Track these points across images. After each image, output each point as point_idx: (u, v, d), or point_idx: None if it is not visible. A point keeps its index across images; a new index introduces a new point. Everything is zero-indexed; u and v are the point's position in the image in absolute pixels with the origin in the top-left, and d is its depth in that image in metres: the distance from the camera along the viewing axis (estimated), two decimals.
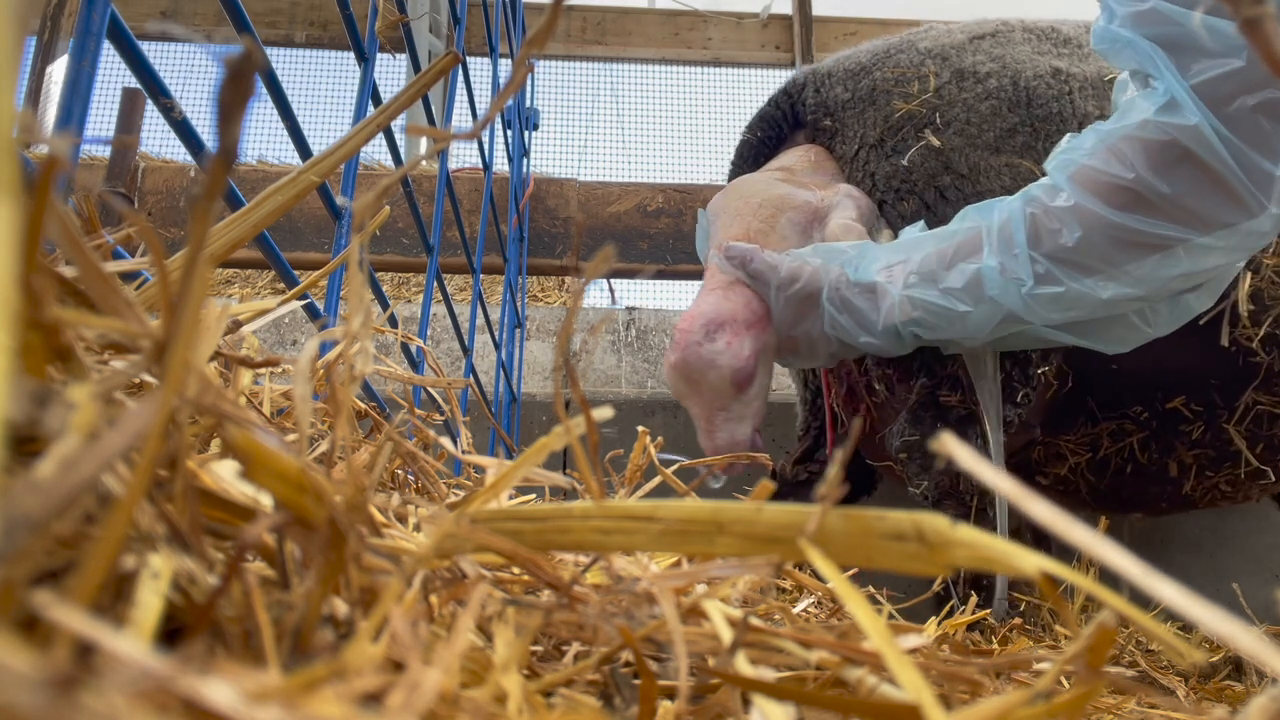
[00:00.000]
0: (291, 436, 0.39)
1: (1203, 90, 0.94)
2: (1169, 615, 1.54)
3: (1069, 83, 1.46)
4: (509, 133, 1.99)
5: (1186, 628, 1.58)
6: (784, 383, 2.48)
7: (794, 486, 1.70)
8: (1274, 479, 1.55)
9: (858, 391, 1.61)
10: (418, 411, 0.64)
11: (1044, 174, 1.52)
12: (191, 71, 3.94)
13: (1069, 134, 1.13)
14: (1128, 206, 1.01)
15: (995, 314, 1.11)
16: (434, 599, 0.32)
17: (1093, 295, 1.06)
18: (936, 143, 1.42)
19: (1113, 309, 1.09)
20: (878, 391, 1.54)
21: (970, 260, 1.12)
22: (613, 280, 3.18)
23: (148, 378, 0.34)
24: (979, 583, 1.34)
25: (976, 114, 1.43)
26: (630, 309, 3.00)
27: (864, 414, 1.61)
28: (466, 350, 1.35)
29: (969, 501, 1.36)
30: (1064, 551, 1.87)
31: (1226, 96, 0.94)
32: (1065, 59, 1.52)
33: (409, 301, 3.30)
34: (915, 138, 1.44)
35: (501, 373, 1.70)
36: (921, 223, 1.34)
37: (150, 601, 0.22)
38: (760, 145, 1.62)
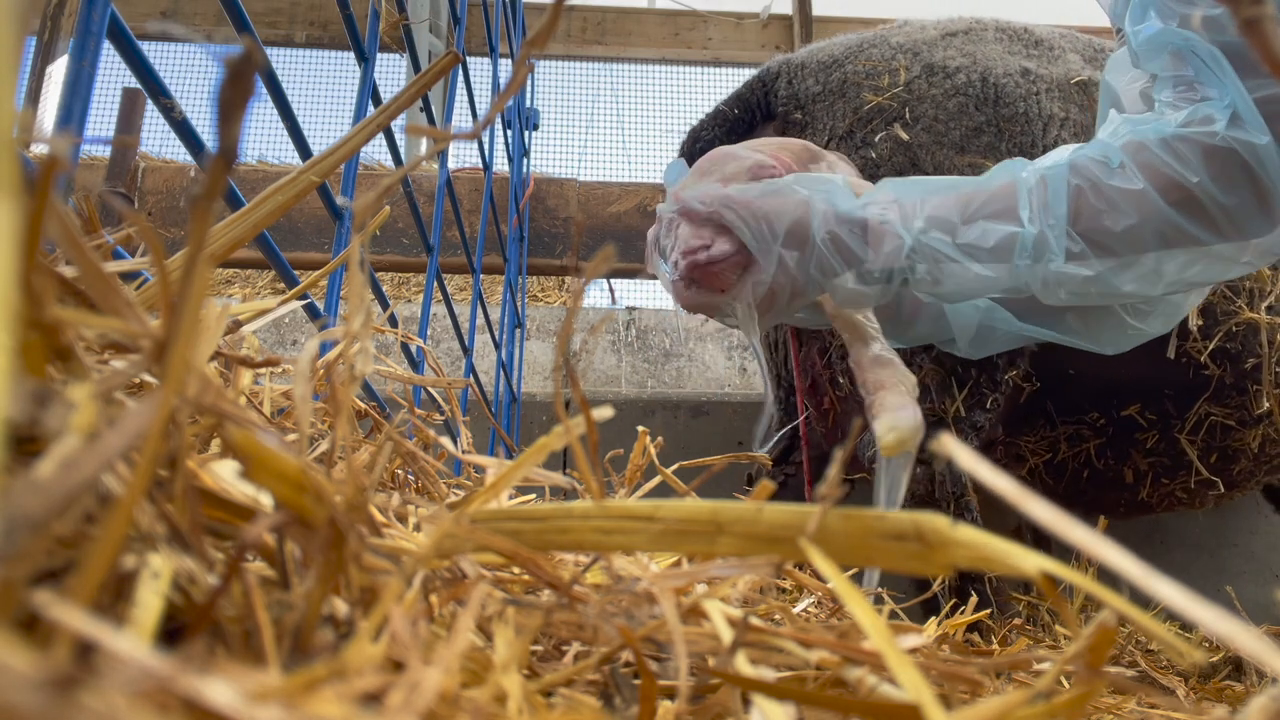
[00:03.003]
0: (291, 436, 0.39)
1: (1262, 105, 0.91)
2: (1169, 615, 1.54)
3: (1037, 84, 1.47)
4: (509, 133, 1.99)
5: (1186, 628, 1.58)
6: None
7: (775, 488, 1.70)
8: (1223, 489, 1.57)
9: (820, 385, 1.61)
10: (418, 411, 0.64)
11: None
12: (191, 71, 3.95)
13: (1114, 111, 1.06)
14: (1183, 205, 0.95)
15: (1004, 283, 1.02)
16: (434, 599, 0.32)
17: (1115, 285, 1.00)
18: (905, 137, 1.42)
19: (1122, 300, 1.04)
20: (841, 385, 1.54)
21: (1001, 219, 1.01)
22: (613, 280, 3.18)
23: (148, 378, 0.34)
24: (964, 591, 1.34)
25: (944, 111, 1.44)
26: (630, 309, 3.00)
27: (828, 407, 1.62)
28: (466, 350, 1.35)
29: (945, 508, 1.37)
30: (1064, 551, 1.88)
31: (1277, 115, 0.91)
32: (1035, 60, 1.53)
33: (409, 301, 3.30)
34: (884, 130, 1.44)
35: (501, 373, 1.70)
36: None
37: (150, 601, 0.22)
38: (735, 123, 1.60)
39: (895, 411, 1.02)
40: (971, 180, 1.05)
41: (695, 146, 1.58)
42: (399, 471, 0.56)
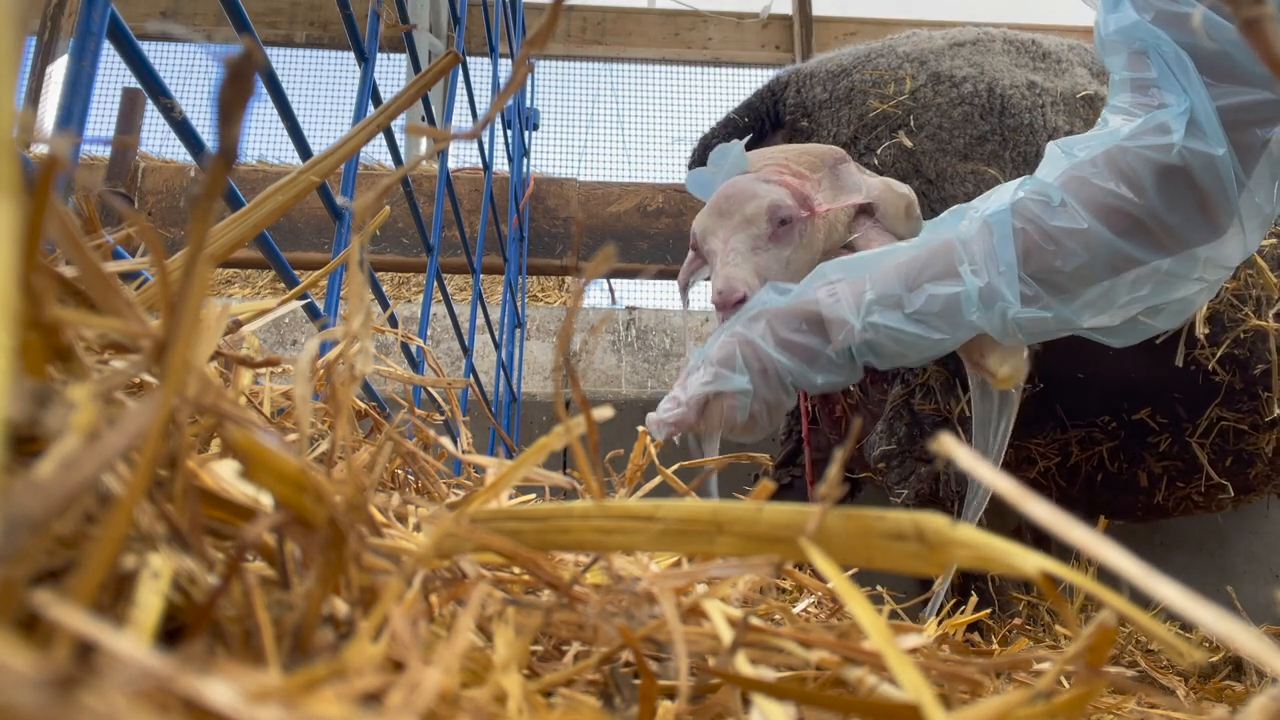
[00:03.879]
0: (291, 436, 0.39)
1: (1224, 113, 0.87)
2: (1169, 615, 1.54)
3: (1042, 96, 1.47)
4: (509, 133, 1.99)
5: (1186, 628, 1.58)
6: None
7: (777, 491, 1.70)
8: (1241, 494, 1.57)
9: (833, 394, 1.62)
10: (418, 411, 0.64)
11: (1008, 181, 1.50)
12: (191, 71, 3.94)
13: (1054, 141, 1.06)
14: (1129, 232, 0.93)
15: (962, 338, 1.02)
16: (434, 599, 0.32)
17: (1074, 321, 0.98)
18: (909, 144, 1.43)
19: (1083, 333, 1.02)
20: (852, 393, 1.55)
21: (942, 281, 1.01)
22: (613, 280, 3.18)
23: (148, 378, 0.34)
24: (965, 589, 1.34)
25: (949, 119, 1.44)
26: (630, 309, 3.00)
27: (840, 415, 1.62)
28: (466, 350, 1.35)
29: (950, 509, 1.37)
30: (1063, 551, 1.88)
31: (1243, 124, 0.88)
32: (1041, 73, 1.53)
33: (409, 301, 3.30)
34: (889, 137, 1.45)
35: (501, 373, 1.70)
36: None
37: (150, 601, 0.22)
38: (744, 131, 1.61)
39: (1003, 344, 1.05)
40: (908, 246, 1.07)
41: (706, 155, 1.59)
42: (399, 471, 0.56)
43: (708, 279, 1.28)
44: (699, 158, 1.61)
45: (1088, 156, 0.95)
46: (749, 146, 1.60)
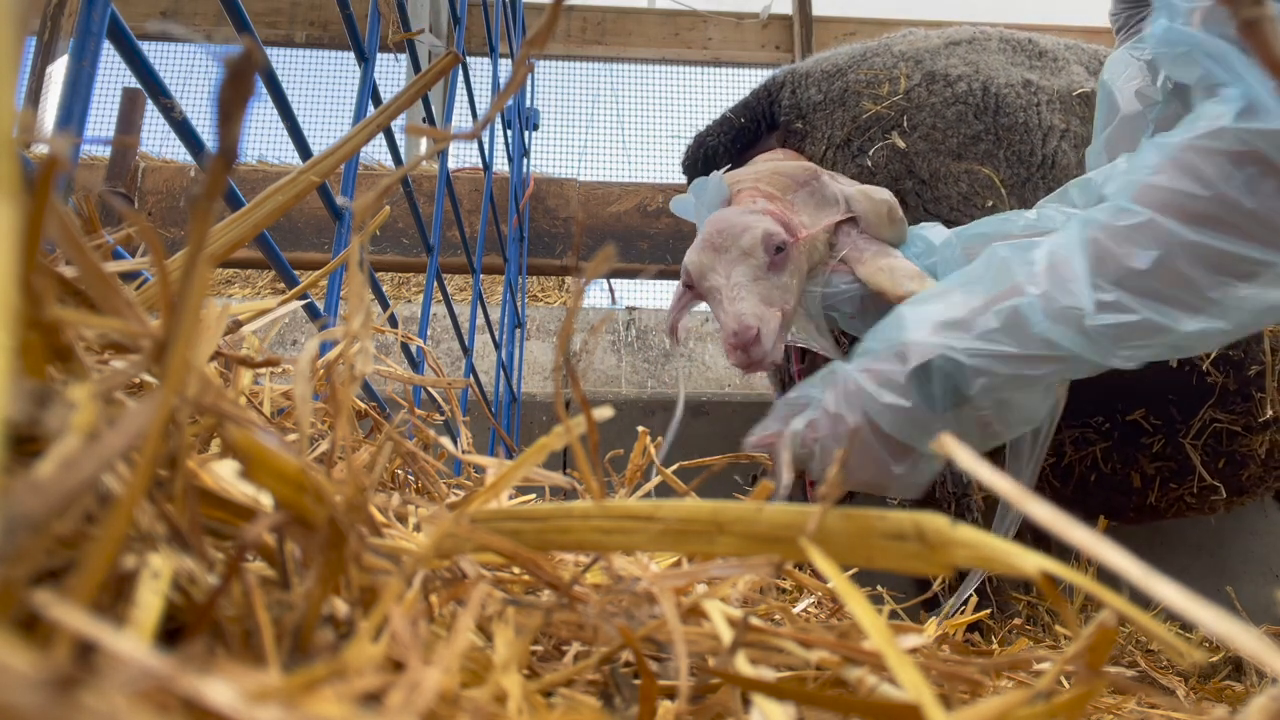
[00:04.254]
0: (291, 436, 0.39)
1: None
2: (1169, 615, 1.54)
3: (1038, 95, 1.47)
4: (509, 133, 1.99)
5: (1186, 628, 1.58)
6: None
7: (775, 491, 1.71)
8: (1234, 495, 1.57)
9: None
10: (418, 411, 0.64)
11: (1001, 180, 1.47)
12: (191, 71, 3.94)
13: (1123, 155, 1.00)
14: (1204, 224, 0.88)
15: (1044, 354, 0.95)
16: (434, 599, 0.32)
17: (1173, 327, 0.90)
18: (902, 144, 1.43)
19: (1194, 345, 0.94)
20: None
21: (1008, 300, 0.96)
22: (613, 280, 3.18)
23: (148, 378, 0.34)
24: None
25: (943, 119, 1.44)
26: (630, 309, 3.00)
27: None
28: (466, 350, 1.35)
29: (947, 510, 1.37)
30: (1063, 551, 1.88)
31: None
32: (1037, 71, 1.53)
33: (409, 301, 3.30)
34: (882, 138, 1.45)
35: (501, 373, 1.70)
36: (938, 224, 1.29)
37: (150, 601, 0.22)
38: (740, 131, 1.61)
39: None
40: (972, 280, 1.02)
41: (700, 152, 1.59)
42: (399, 471, 0.56)
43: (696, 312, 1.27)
44: (693, 155, 1.60)
45: (1150, 170, 0.92)
46: (744, 149, 1.60)
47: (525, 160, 2.40)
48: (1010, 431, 1.06)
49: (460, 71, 1.35)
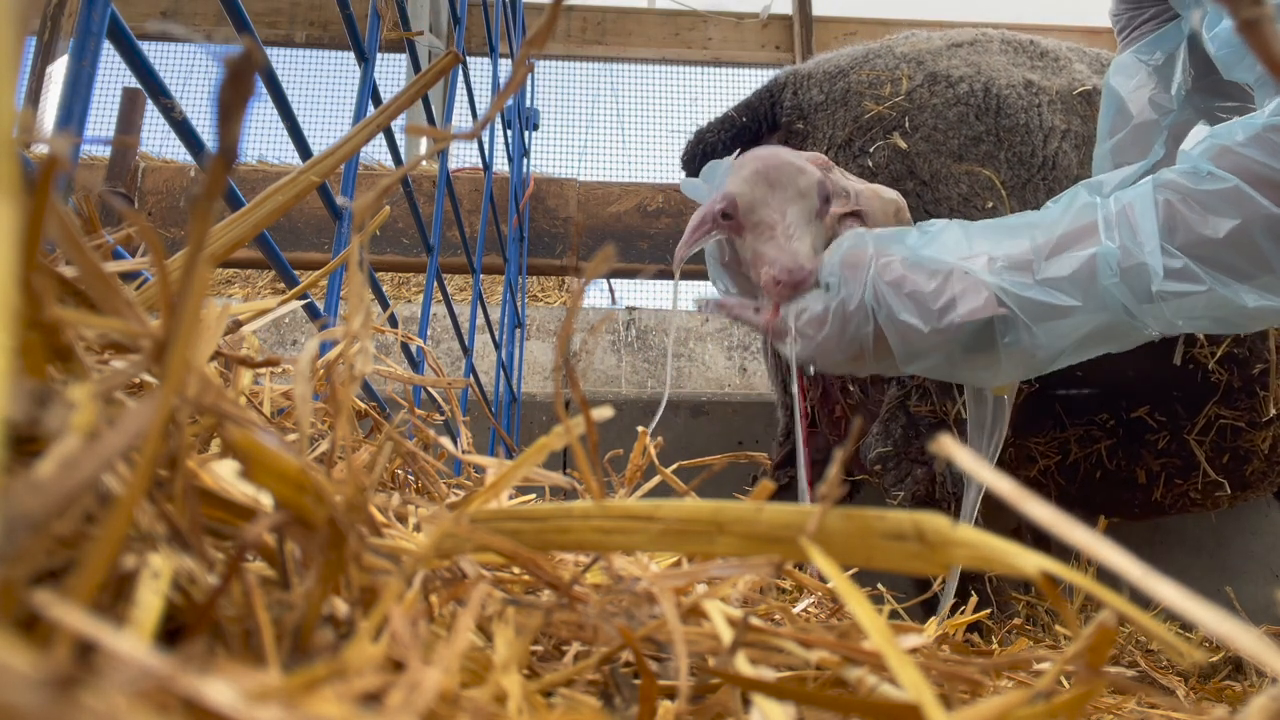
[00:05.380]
0: (291, 436, 0.39)
1: None
2: (1169, 615, 1.54)
3: (1039, 96, 1.47)
4: (509, 133, 1.99)
5: (1186, 628, 1.58)
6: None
7: (775, 492, 1.71)
8: (1237, 490, 1.57)
9: (832, 394, 1.62)
10: (418, 411, 0.64)
11: (1002, 181, 1.46)
12: (191, 71, 3.94)
13: (1200, 123, 0.95)
14: None
15: (1098, 315, 0.91)
16: (434, 599, 0.32)
17: (1237, 301, 0.87)
18: (903, 145, 1.43)
19: (1249, 321, 0.91)
20: (851, 393, 1.55)
21: (1082, 247, 0.92)
22: (613, 280, 3.18)
23: (148, 378, 0.34)
24: (964, 590, 1.35)
25: (944, 120, 1.44)
26: (630, 309, 3.00)
27: (839, 416, 1.62)
28: (466, 350, 1.35)
29: (946, 510, 1.37)
30: (1063, 551, 1.88)
31: None
32: (1039, 71, 1.53)
33: (409, 301, 3.30)
34: (884, 139, 1.45)
35: (501, 373, 1.70)
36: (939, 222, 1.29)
37: (150, 601, 0.22)
38: (741, 131, 1.61)
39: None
40: (1042, 221, 0.97)
41: (699, 148, 1.58)
42: (399, 471, 0.56)
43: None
44: (692, 150, 1.60)
45: (1237, 139, 0.88)
46: (743, 148, 1.59)
47: (525, 160, 2.40)
48: (1036, 369, 1.00)
49: (460, 71, 1.35)
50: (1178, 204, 0.88)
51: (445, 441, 0.51)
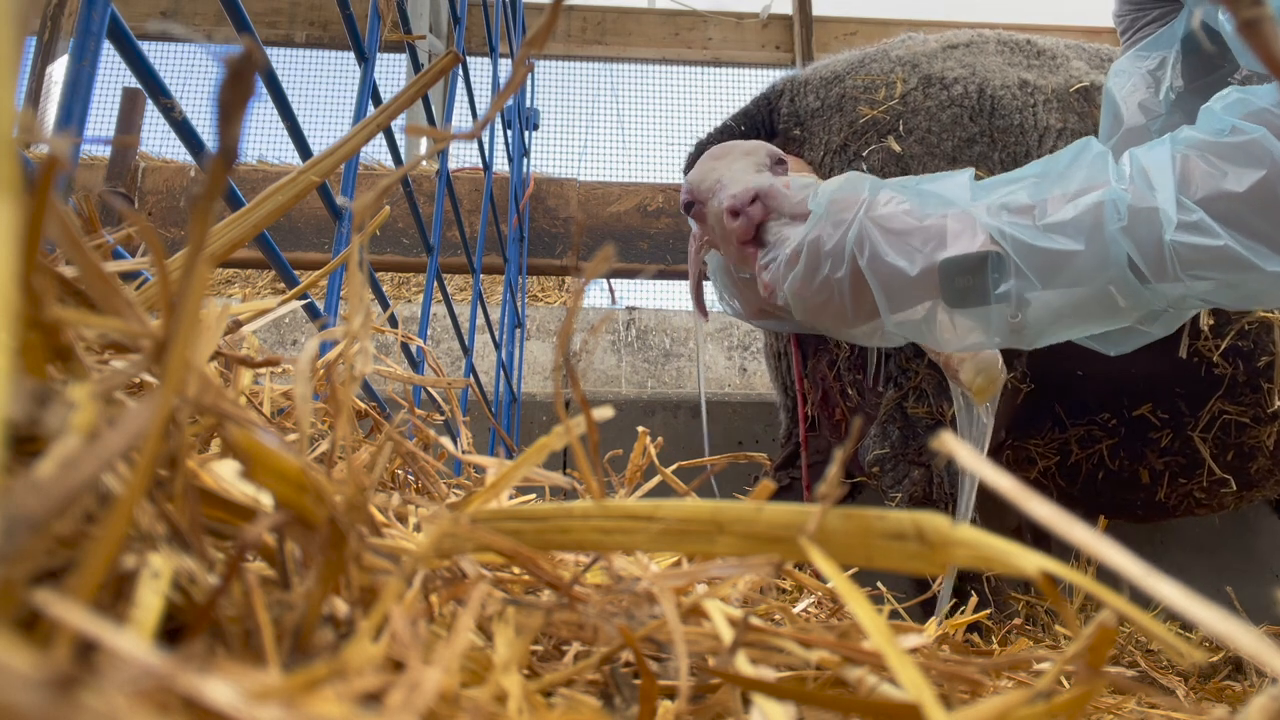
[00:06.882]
0: (292, 436, 0.39)
1: None
2: (1169, 615, 1.54)
3: (1034, 95, 1.47)
4: (509, 133, 1.99)
5: (1186, 628, 1.58)
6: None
7: (777, 492, 1.71)
8: (1242, 488, 1.56)
9: (832, 397, 1.62)
10: (418, 411, 0.64)
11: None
12: (191, 71, 3.94)
13: (1230, 86, 0.90)
14: None
15: (1105, 264, 0.84)
16: (434, 599, 0.32)
17: (1257, 264, 0.80)
18: (897, 148, 1.43)
19: (1265, 292, 0.85)
20: (850, 396, 1.55)
21: (1090, 193, 0.86)
22: (613, 280, 3.18)
23: (148, 378, 0.34)
24: (963, 591, 1.35)
25: (938, 122, 1.44)
26: (630, 309, 3.00)
27: (839, 418, 1.62)
28: (466, 350, 1.35)
29: (943, 509, 1.37)
30: (1063, 551, 1.88)
31: None
32: (1034, 70, 1.53)
33: (409, 301, 3.30)
34: (878, 143, 1.45)
35: (501, 373, 1.70)
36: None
37: (150, 601, 0.22)
38: (740, 139, 1.61)
39: (977, 355, 1.00)
40: (1050, 171, 0.91)
41: (699, 157, 1.59)
42: (399, 471, 0.56)
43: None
44: (694, 159, 1.61)
45: (1266, 99, 0.83)
46: None
47: (525, 160, 2.40)
48: (1033, 339, 0.95)
49: (460, 71, 1.35)
50: (1196, 158, 0.83)
51: (445, 441, 0.51)
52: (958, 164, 1.42)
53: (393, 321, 0.88)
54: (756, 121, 1.62)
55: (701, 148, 1.61)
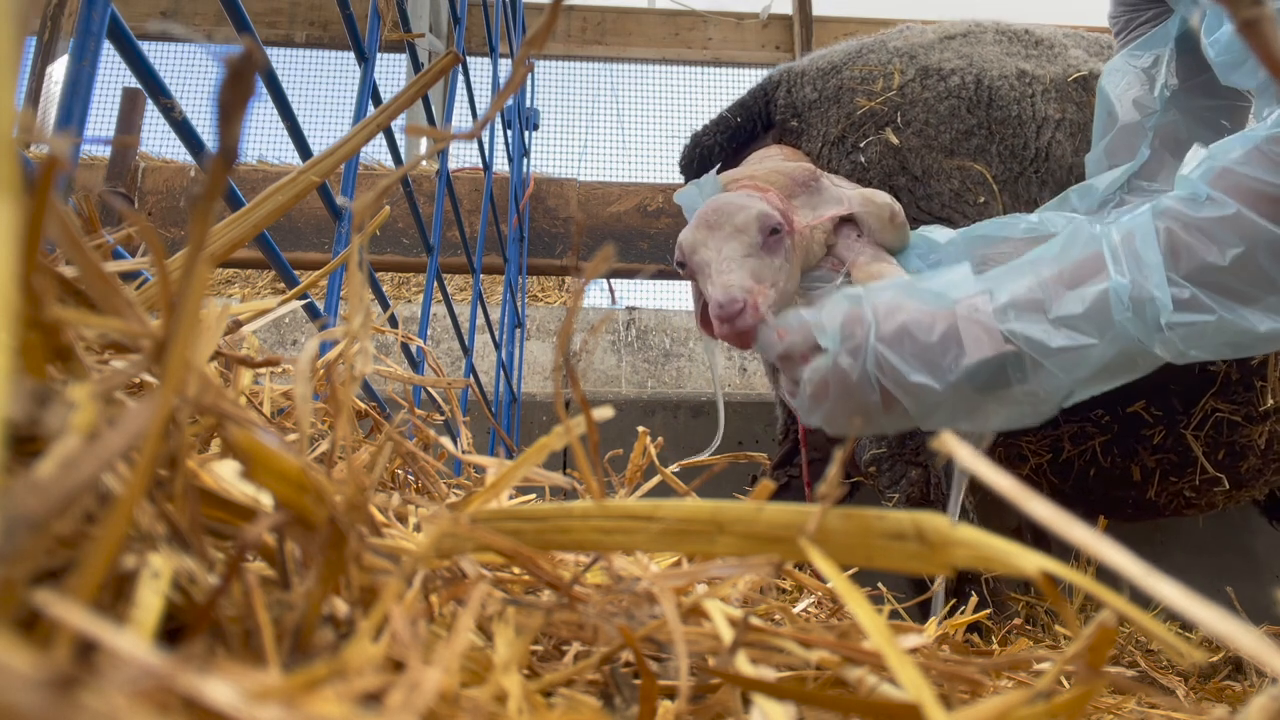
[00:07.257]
0: (292, 436, 0.39)
1: None
2: (1169, 615, 1.54)
3: (1032, 85, 1.47)
4: (509, 133, 1.99)
5: (1186, 628, 1.58)
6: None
7: (775, 491, 1.71)
8: (1228, 486, 1.56)
9: None
10: (418, 411, 0.64)
11: (993, 175, 1.45)
12: (191, 71, 3.95)
13: (1196, 144, 0.93)
14: None
15: (1112, 350, 0.89)
16: (434, 599, 0.32)
17: (1249, 328, 0.85)
18: (895, 140, 1.42)
19: (1261, 345, 0.89)
20: None
21: (1092, 282, 0.89)
22: (613, 280, 3.18)
23: (148, 378, 0.34)
24: (961, 592, 1.34)
25: (935, 114, 1.44)
26: (630, 309, 3.00)
27: None
28: (466, 350, 1.35)
29: (940, 511, 1.37)
30: (1063, 551, 1.88)
31: None
32: (1032, 60, 1.53)
33: (409, 301, 3.30)
34: (876, 135, 1.44)
35: (501, 373, 1.70)
36: (940, 226, 1.27)
37: (150, 601, 0.22)
38: (737, 130, 1.61)
39: (869, 265, 1.00)
40: (1045, 257, 0.94)
41: (696, 151, 1.58)
42: (399, 471, 0.56)
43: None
44: (689, 154, 1.60)
45: (1234, 157, 0.86)
46: (740, 148, 1.59)
47: (525, 160, 2.40)
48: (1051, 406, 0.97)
49: (460, 71, 1.35)
50: (1179, 232, 0.86)
51: (445, 441, 0.51)
52: (955, 156, 1.42)
53: (393, 321, 0.88)
54: (753, 113, 1.61)
55: (698, 141, 1.60)
